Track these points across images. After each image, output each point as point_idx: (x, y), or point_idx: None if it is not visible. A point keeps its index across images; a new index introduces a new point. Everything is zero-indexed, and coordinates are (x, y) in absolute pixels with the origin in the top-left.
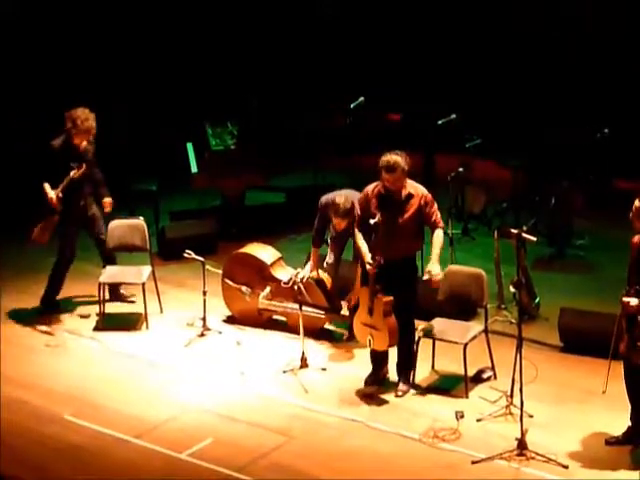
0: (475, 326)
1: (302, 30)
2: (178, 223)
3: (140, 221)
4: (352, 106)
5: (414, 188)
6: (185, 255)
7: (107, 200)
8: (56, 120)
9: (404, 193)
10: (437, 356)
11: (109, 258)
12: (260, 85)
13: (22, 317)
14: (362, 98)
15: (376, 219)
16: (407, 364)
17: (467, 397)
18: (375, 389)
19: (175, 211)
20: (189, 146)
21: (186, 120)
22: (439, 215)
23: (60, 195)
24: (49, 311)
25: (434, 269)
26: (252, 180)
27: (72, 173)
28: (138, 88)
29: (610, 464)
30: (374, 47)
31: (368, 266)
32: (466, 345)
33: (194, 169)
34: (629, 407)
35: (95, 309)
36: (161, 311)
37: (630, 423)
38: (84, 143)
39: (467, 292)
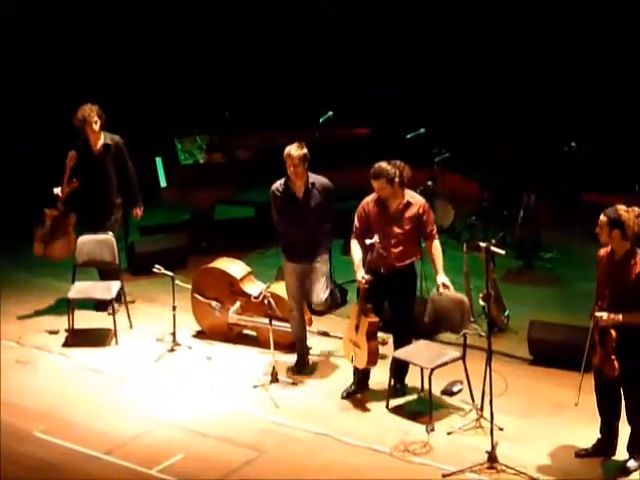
0: (452, 352)
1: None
2: (147, 238)
3: (109, 236)
4: (321, 120)
5: (412, 197)
6: (154, 270)
7: (135, 210)
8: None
9: (402, 202)
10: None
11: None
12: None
13: None
14: (331, 112)
15: (373, 240)
16: (403, 370)
17: (430, 421)
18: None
19: (144, 226)
20: (158, 160)
21: (155, 134)
22: (435, 227)
23: (66, 188)
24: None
25: (446, 280)
26: (221, 194)
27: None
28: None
29: (580, 476)
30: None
31: (361, 279)
32: (432, 370)
33: (163, 183)
34: (599, 419)
35: (64, 325)
36: (130, 326)
37: (600, 435)
38: (100, 141)
39: (450, 316)
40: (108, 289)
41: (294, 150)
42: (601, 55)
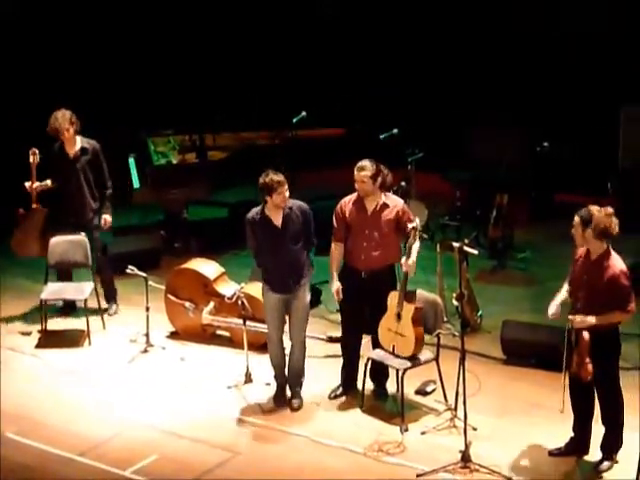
0: (425, 353)
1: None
2: (121, 239)
3: (82, 237)
4: (294, 120)
5: (390, 200)
6: (128, 271)
7: (104, 217)
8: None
9: (379, 203)
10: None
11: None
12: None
13: None
14: (304, 113)
15: (414, 224)
16: (383, 374)
17: (404, 421)
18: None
19: (117, 227)
20: (131, 161)
21: (128, 134)
22: None
23: (35, 186)
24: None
25: (410, 260)
26: (194, 194)
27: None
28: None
29: (553, 475)
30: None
31: (335, 291)
32: (405, 371)
33: (136, 184)
34: (572, 418)
35: (37, 326)
36: (104, 327)
37: (573, 434)
38: (76, 146)
39: (425, 317)
40: (81, 290)
41: (280, 176)
42: (576, 56)
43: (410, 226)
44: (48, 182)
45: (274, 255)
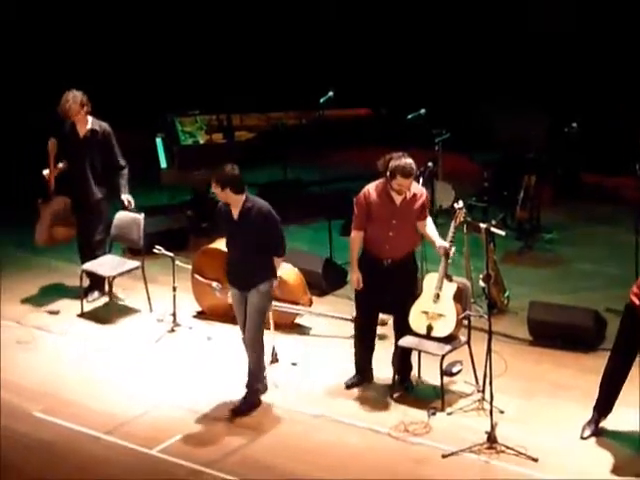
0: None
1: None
2: (148, 219)
3: (140, 216)
4: (321, 101)
5: (417, 188)
6: (155, 251)
7: (125, 197)
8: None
9: (409, 194)
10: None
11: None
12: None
13: None
14: (331, 93)
15: (460, 205)
16: (407, 366)
17: (444, 410)
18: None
19: (144, 206)
20: (158, 141)
21: (156, 114)
22: None
23: (54, 171)
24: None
25: (445, 243)
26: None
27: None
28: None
29: (579, 456)
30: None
31: (356, 280)
32: (443, 356)
33: (163, 164)
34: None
35: (65, 305)
36: (151, 310)
37: (596, 412)
38: (87, 126)
39: None
40: (115, 266)
41: (234, 173)
42: (606, 42)
43: (457, 207)
44: (61, 165)
45: (231, 247)
